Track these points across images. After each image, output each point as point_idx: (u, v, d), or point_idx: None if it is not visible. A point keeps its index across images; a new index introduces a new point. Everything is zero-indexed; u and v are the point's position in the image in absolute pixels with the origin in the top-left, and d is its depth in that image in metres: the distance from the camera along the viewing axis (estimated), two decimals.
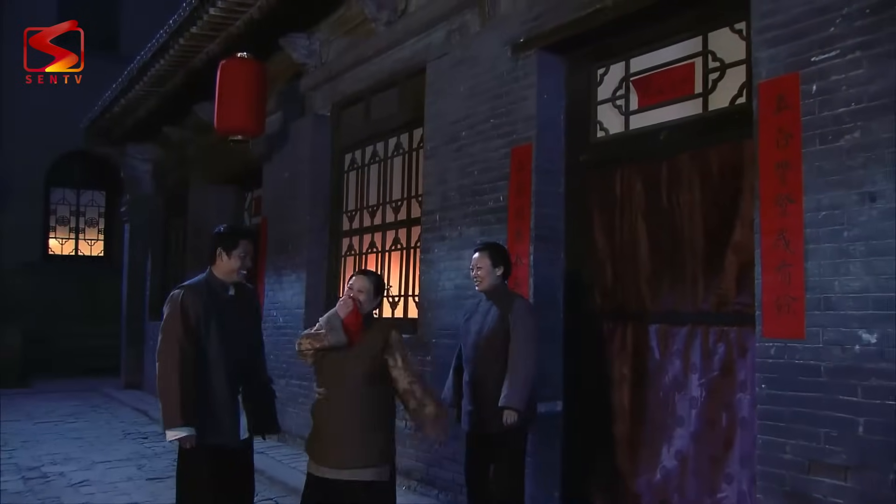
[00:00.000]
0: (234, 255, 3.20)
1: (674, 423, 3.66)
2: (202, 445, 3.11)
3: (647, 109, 3.98)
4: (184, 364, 3.04)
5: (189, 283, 3.26)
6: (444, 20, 5.20)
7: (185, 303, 3.08)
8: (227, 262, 3.21)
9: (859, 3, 2.85)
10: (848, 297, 2.80)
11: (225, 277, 3.23)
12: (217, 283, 3.22)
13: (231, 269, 3.22)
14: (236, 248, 3.20)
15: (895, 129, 2.71)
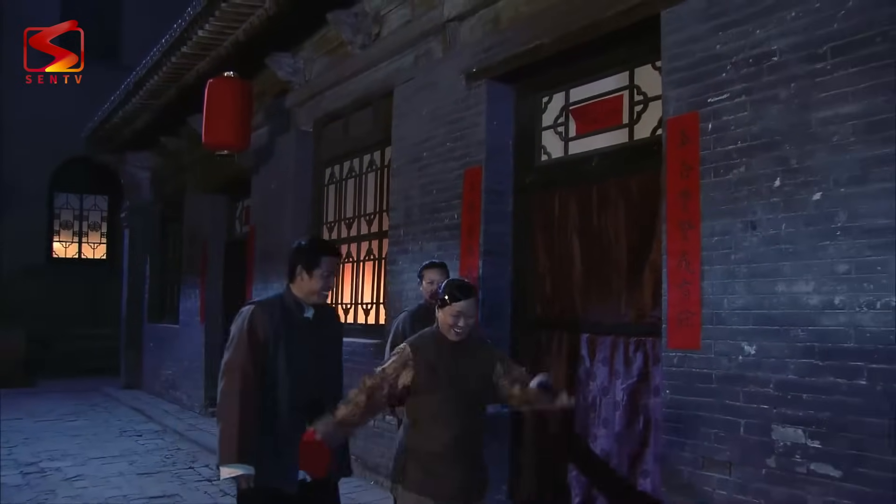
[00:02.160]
0: (316, 274, 2.82)
1: (600, 424, 4.04)
2: (261, 487, 2.74)
3: (583, 137, 4.36)
4: (247, 391, 2.68)
5: (262, 299, 2.92)
6: (411, 46, 5.58)
7: (254, 321, 2.74)
8: (307, 282, 2.82)
9: (745, 53, 3.21)
10: (734, 314, 3.17)
11: (304, 297, 2.85)
12: (294, 303, 2.85)
13: (312, 290, 2.84)
14: (318, 266, 2.81)
15: (771, 166, 3.08)
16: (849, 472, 2.75)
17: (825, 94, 2.92)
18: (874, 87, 2.78)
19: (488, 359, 2.81)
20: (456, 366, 2.70)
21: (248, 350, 2.72)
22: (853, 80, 2.84)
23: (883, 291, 2.70)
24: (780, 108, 3.07)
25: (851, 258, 2.80)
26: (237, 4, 6.24)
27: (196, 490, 5.75)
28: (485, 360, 2.80)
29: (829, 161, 2.89)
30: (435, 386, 2.66)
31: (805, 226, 2.96)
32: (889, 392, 2.66)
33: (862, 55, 2.82)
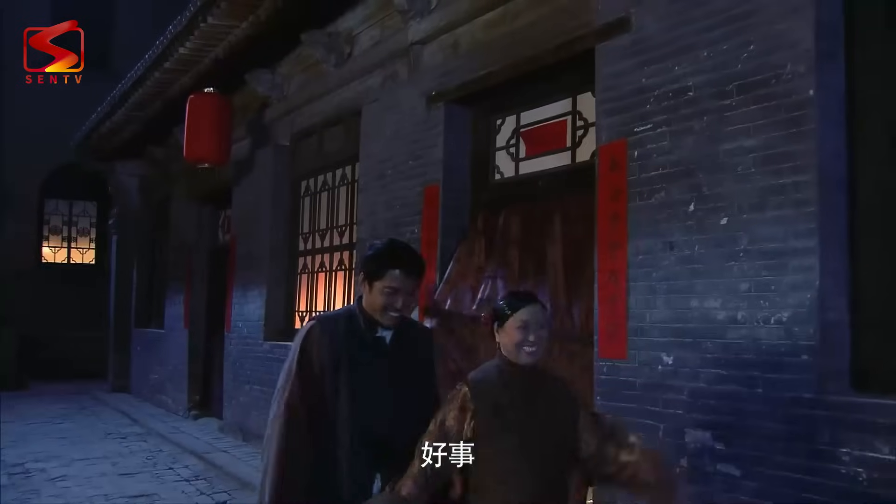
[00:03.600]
0: (377, 288, 2.24)
1: None
2: None
3: (531, 158, 4.65)
4: (293, 432, 2.15)
5: (327, 313, 2.51)
6: (380, 67, 5.86)
7: (309, 343, 2.23)
8: (368, 296, 2.27)
9: (666, 87, 3.50)
10: (655, 327, 3.46)
11: (375, 315, 2.27)
12: (364, 321, 2.27)
13: (373, 306, 2.26)
14: (380, 279, 2.23)
15: (686, 192, 3.37)
16: (748, 472, 3.04)
17: (731, 128, 3.22)
18: (770, 123, 3.07)
19: (568, 400, 2.22)
20: (531, 408, 2.11)
21: (297, 380, 2.19)
22: (754, 116, 3.13)
23: (775, 308, 2.99)
24: (695, 139, 3.36)
25: (751, 278, 3.10)
26: (215, 25, 6.52)
27: (174, 490, 6.03)
28: (565, 402, 2.20)
29: (735, 189, 3.19)
30: (505, 436, 2.07)
31: (714, 247, 3.25)
32: (780, 399, 2.95)
33: (760, 94, 3.11)
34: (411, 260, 2.29)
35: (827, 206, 2.93)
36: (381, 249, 2.30)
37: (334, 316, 2.42)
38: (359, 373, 2.24)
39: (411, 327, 2.41)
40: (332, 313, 2.51)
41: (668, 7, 3.54)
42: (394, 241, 2.38)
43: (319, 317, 2.40)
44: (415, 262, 2.29)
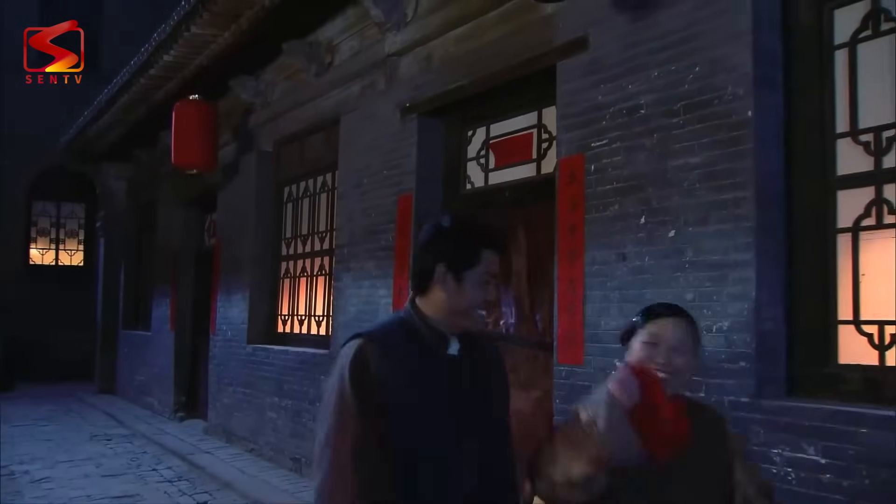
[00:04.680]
0: (470, 279, 1.67)
1: None
2: None
3: (500, 169, 4.82)
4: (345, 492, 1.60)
5: (374, 328, 1.75)
6: (359, 77, 6.01)
7: (359, 370, 1.62)
8: (454, 294, 1.67)
9: (620, 105, 3.67)
10: (609, 334, 3.63)
11: (445, 319, 1.69)
12: (429, 332, 1.69)
13: (460, 307, 1.68)
14: (476, 264, 1.67)
15: (638, 206, 3.54)
16: None
17: (678, 146, 3.39)
18: (713, 142, 3.24)
19: (724, 445, 1.75)
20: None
21: (350, 423, 1.60)
22: (698, 134, 3.31)
23: (717, 317, 3.17)
24: (646, 155, 3.53)
25: (696, 288, 3.27)
26: (199, 34, 6.66)
27: (157, 490, 6.17)
28: (720, 447, 1.74)
29: (681, 203, 3.36)
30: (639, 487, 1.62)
31: (662, 258, 3.42)
32: (721, 403, 3.12)
33: (704, 114, 3.28)
34: (500, 233, 1.79)
35: (764, 221, 3.10)
36: (466, 227, 1.72)
37: (386, 328, 1.73)
38: (432, 404, 1.63)
39: (475, 336, 1.77)
40: (381, 327, 1.75)
41: (624, 28, 3.71)
42: (469, 216, 1.98)
43: (369, 333, 1.69)
44: (504, 237, 1.79)
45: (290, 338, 7.02)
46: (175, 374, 9.36)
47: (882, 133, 2.92)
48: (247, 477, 6.27)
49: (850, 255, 3.00)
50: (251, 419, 7.16)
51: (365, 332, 1.72)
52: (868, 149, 2.96)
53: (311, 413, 6.10)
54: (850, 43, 3.05)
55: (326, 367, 5.93)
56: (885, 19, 2.94)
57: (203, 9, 6.13)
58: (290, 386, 6.44)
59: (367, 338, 1.68)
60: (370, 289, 5.41)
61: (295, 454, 6.32)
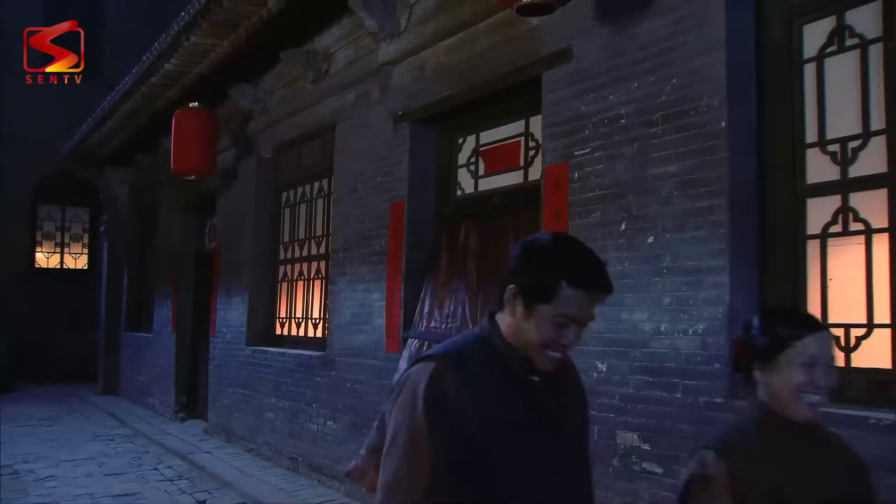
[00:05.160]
0: (542, 314, 1.41)
1: None
2: None
3: (489, 175, 4.94)
4: None
5: (450, 348, 1.49)
6: (354, 85, 6.14)
7: (436, 398, 1.37)
8: (521, 322, 1.44)
9: (602, 114, 3.79)
10: (591, 336, 3.74)
11: (524, 347, 1.45)
12: (510, 353, 1.45)
13: (524, 338, 1.44)
14: (550, 299, 1.40)
15: (618, 213, 3.66)
16: (669, 470, 3.33)
17: (657, 154, 3.51)
18: (689, 151, 3.36)
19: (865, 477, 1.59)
20: (816, 481, 1.48)
21: (424, 464, 1.36)
22: (676, 143, 3.43)
23: (693, 321, 3.29)
24: (626, 164, 3.65)
25: (673, 292, 3.39)
26: (198, 43, 6.81)
27: (157, 489, 6.30)
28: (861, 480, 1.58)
29: (659, 211, 3.48)
30: None
31: (642, 264, 3.54)
32: (696, 403, 3.24)
33: (681, 124, 3.41)
34: (599, 271, 1.43)
35: (738, 228, 3.22)
36: (552, 253, 1.44)
37: (463, 348, 1.47)
38: (516, 442, 1.41)
39: (562, 366, 1.51)
40: (457, 344, 1.49)
41: (606, 40, 3.84)
42: (567, 238, 1.54)
43: (444, 354, 1.44)
44: (605, 276, 1.43)
45: (288, 340, 7.16)
46: (176, 376, 9.50)
47: (848, 144, 3.04)
48: (245, 476, 6.40)
49: (818, 260, 3.12)
50: (250, 419, 7.29)
51: (439, 352, 1.45)
52: (835, 158, 3.08)
53: (307, 414, 6.23)
54: (817, 57, 3.17)
55: (322, 369, 6.07)
56: (850, 35, 3.06)
57: (202, 19, 6.28)
58: (287, 387, 6.57)
59: (443, 361, 1.41)
60: (364, 292, 5.54)
61: (292, 454, 6.45)
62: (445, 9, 5.10)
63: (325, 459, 5.97)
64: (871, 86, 2.99)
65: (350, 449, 5.62)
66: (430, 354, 1.45)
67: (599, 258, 1.46)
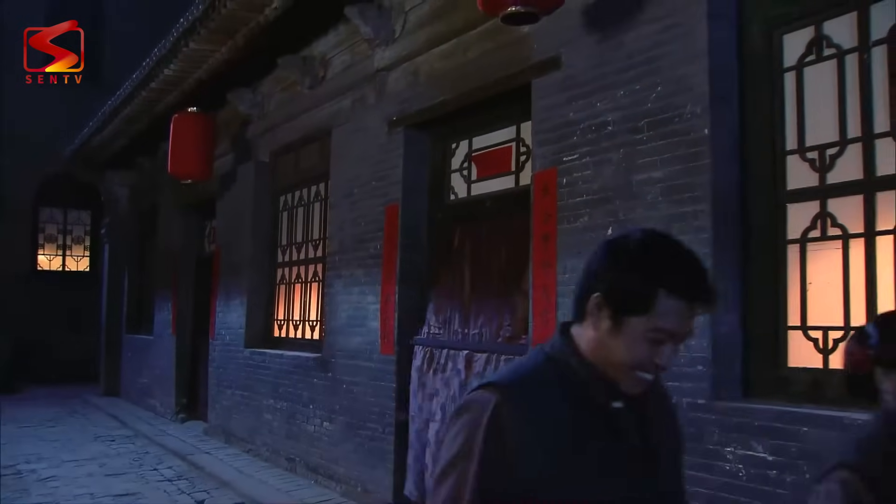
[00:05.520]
0: (634, 327, 1.20)
1: None
2: None
3: (482, 180, 5.03)
4: None
5: (512, 375, 1.26)
6: (350, 90, 6.23)
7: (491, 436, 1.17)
8: (606, 338, 1.22)
9: (589, 121, 3.87)
10: None
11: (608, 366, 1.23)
12: (586, 374, 1.24)
13: (609, 358, 1.22)
14: (645, 311, 1.19)
15: (605, 217, 3.74)
16: None
17: (642, 161, 3.59)
18: (674, 157, 3.44)
19: None
20: None
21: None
22: (661, 150, 3.51)
23: None
24: (613, 170, 3.73)
25: None
26: (197, 49, 6.91)
27: (157, 489, 6.39)
28: None
29: (645, 215, 3.55)
30: None
31: None
32: (680, 404, 3.31)
33: (666, 131, 3.48)
34: (703, 277, 1.22)
35: (720, 233, 3.29)
36: (647, 255, 1.21)
37: (528, 375, 1.24)
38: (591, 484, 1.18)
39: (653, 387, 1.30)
40: (523, 371, 1.26)
41: (593, 48, 3.92)
42: (663, 237, 1.27)
43: (506, 383, 1.22)
44: (709, 283, 1.22)
45: (286, 342, 7.24)
46: (176, 377, 9.59)
47: (826, 151, 3.12)
48: (244, 476, 6.49)
49: (798, 265, 3.19)
50: (249, 421, 7.38)
51: (501, 381, 1.22)
52: (814, 165, 3.16)
53: (304, 415, 6.32)
54: (797, 66, 3.25)
55: (319, 371, 6.15)
56: (827, 45, 3.13)
57: (200, 26, 6.37)
58: (285, 389, 6.66)
59: (504, 392, 1.19)
60: (360, 295, 5.63)
61: (290, 454, 6.53)
62: (439, 16, 5.19)
63: (322, 460, 6.05)
64: (847, 95, 3.07)
65: (346, 449, 5.70)
66: (492, 382, 1.22)
67: (701, 261, 1.23)
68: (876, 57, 2.98)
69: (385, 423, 5.26)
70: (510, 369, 1.29)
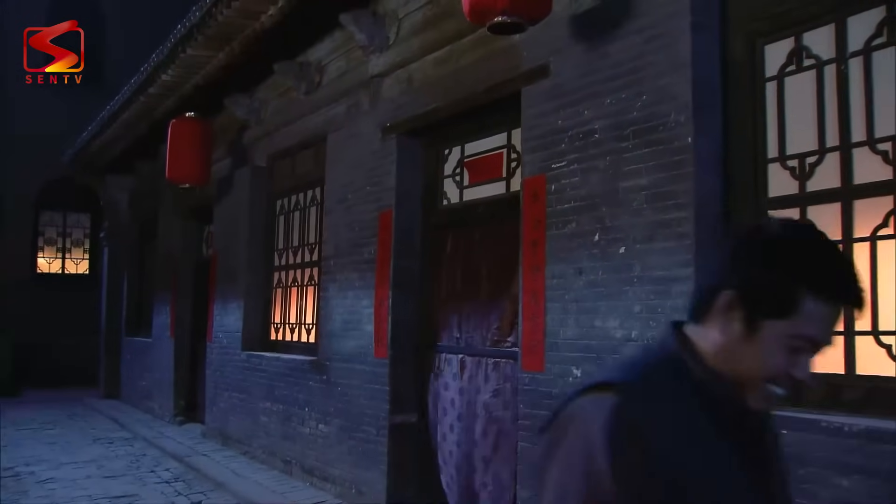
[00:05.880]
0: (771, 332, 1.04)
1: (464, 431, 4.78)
2: None
3: (474, 186, 5.09)
4: None
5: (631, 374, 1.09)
6: (345, 97, 6.30)
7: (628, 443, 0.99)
8: (737, 344, 1.06)
9: (577, 129, 3.94)
10: (567, 343, 3.89)
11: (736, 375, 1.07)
12: (716, 388, 1.08)
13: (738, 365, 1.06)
14: (788, 315, 1.03)
15: (592, 224, 3.80)
16: None
17: (628, 168, 3.65)
18: (658, 165, 3.51)
19: None
20: None
21: None
22: (646, 158, 3.57)
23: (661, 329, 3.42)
24: (600, 177, 3.79)
25: (643, 301, 3.53)
26: (194, 55, 6.98)
27: (154, 491, 6.46)
28: None
29: (631, 222, 3.62)
30: None
31: (614, 273, 3.68)
32: None
33: (651, 139, 3.55)
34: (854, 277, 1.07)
35: (703, 239, 3.35)
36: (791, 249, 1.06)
37: (649, 376, 1.10)
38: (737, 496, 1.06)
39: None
40: (640, 370, 1.12)
41: (581, 57, 3.98)
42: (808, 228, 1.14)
43: (626, 382, 1.07)
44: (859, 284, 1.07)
45: (282, 345, 7.31)
46: (175, 380, 9.66)
47: (805, 159, 3.18)
48: (240, 478, 6.55)
49: None
50: (245, 423, 7.44)
51: (618, 379, 1.07)
52: (794, 173, 3.23)
53: (300, 417, 6.38)
54: (778, 76, 3.31)
55: (314, 374, 6.22)
56: (807, 56, 3.20)
57: (197, 32, 6.44)
58: (280, 391, 6.73)
59: (628, 392, 1.04)
60: (354, 299, 5.69)
61: (286, 456, 6.60)
62: (432, 24, 5.25)
63: (317, 462, 6.12)
64: (826, 104, 3.13)
65: (341, 452, 5.77)
66: (605, 382, 1.06)
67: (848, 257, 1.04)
68: (853, 68, 3.05)
69: (379, 426, 5.32)
70: (623, 368, 1.13)
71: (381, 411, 5.31)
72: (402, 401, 5.28)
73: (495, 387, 4.52)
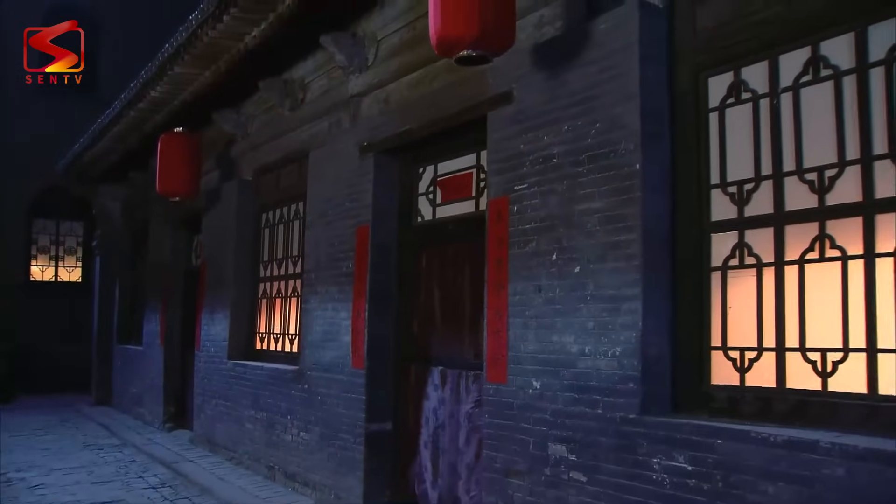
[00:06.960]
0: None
1: (447, 440, 4.96)
2: None
3: (446, 204, 5.30)
4: None
5: None
6: (327, 114, 6.51)
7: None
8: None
9: (537, 153, 4.15)
10: (527, 356, 4.10)
11: None
12: None
13: None
14: None
15: (551, 244, 4.01)
16: (591, 478, 3.67)
17: (583, 192, 3.86)
18: (610, 189, 3.72)
19: None
20: None
21: None
22: (599, 182, 3.78)
23: (612, 344, 3.63)
24: (557, 199, 4.00)
25: (595, 318, 3.74)
26: (181, 73, 7.20)
27: (141, 496, 6.64)
28: None
29: (585, 243, 3.83)
30: None
31: (570, 291, 3.89)
32: (614, 419, 3.58)
33: (603, 164, 3.76)
34: None
35: (651, 260, 3.57)
36: None
37: None
38: None
39: None
40: None
41: (542, 84, 4.20)
42: None
43: None
44: None
45: (266, 355, 7.50)
46: (164, 387, 9.83)
47: (744, 186, 3.40)
48: (225, 483, 6.74)
49: (720, 290, 3.47)
50: (232, 430, 7.63)
51: None
52: (733, 199, 3.44)
53: (282, 425, 6.58)
54: (720, 107, 3.53)
55: (296, 383, 6.42)
56: (744, 90, 3.42)
57: (184, 52, 6.66)
58: (265, 400, 6.92)
59: None
60: (333, 311, 5.90)
61: (270, 462, 6.79)
62: (409, 46, 5.47)
63: (299, 468, 6.31)
64: (761, 135, 3.35)
65: (320, 458, 5.96)
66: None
67: None
68: (784, 103, 3.27)
69: (356, 434, 5.52)
70: None
71: (357, 420, 5.51)
72: (377, 410, 5.48)
73: (477, 398, 4.71)
